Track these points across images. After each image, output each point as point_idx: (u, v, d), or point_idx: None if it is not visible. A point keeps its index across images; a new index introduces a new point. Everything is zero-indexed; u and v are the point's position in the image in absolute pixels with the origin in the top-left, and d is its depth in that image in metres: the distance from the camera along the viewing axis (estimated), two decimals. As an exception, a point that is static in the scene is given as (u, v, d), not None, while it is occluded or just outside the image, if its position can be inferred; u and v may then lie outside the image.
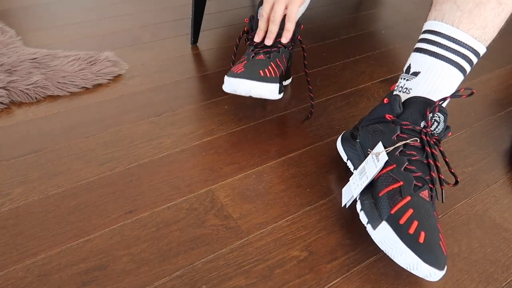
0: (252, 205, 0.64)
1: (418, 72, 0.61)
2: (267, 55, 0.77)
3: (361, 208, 0.58)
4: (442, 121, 0.59)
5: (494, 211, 0.66)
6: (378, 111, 0.63)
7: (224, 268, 0.55)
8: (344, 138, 0.71)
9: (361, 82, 0.96)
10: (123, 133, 0.77)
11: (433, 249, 0.49)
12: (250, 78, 0.69)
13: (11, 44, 0.98)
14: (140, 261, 0.55)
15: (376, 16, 1.31)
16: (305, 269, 0.55)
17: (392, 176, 0.56)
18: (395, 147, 0.58)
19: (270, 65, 0.74)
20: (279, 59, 0.78)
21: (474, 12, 0.57)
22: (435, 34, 0.60)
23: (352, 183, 0.60)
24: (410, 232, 0.50)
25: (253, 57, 0.77)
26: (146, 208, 0.62)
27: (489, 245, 0.60)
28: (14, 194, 0.63)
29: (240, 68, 0.73)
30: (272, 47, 0.78)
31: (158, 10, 1.24)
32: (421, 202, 0.53)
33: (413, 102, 0.59)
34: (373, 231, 0.54)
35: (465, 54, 0.59)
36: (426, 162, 0.57)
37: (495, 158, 0.76)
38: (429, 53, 0.60)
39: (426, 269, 0.49)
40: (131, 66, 0.96)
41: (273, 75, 0.73)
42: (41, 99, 0.85)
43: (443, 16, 0.59)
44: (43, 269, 0.53)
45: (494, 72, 1.03)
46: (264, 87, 0.70)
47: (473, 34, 0.58)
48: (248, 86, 0.69)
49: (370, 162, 0.59)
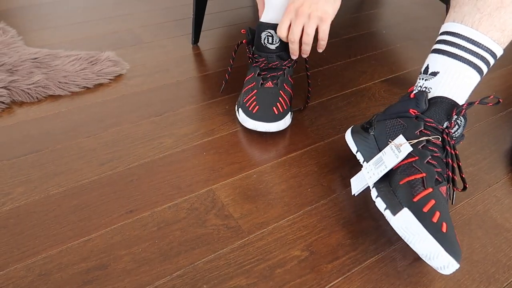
0: (253, 205, 0.64)
1: (437, 72, 0.62)
2: (275, 81, 0.79)
3: (378, 194, 0.57)
4: (462, 125, 0.60)
5: (495, 211, 0.65)
6: (401, 105, 0.64)
7: (225, 267, 0.55)
8: (354, 131, 0.71)
9: (362, 82, 0.96)
10: (124, 133, 0.77)
11: (454, 241, 0.50)
12: (267, 120, 0.74)
13: (12, 44, 0.99)
14: (140, 261, 0.55)
15: (378, 16, 1.31)
16: (306, 269, 0.55)
17: (415, 167, 0.56)
18: (419, 141, 0.58)
19: (280, 95, 0.77)
20: (286, 83, 0.80)
21: (494, 15, 0.58)
22: (454, 36, 0.60)
23: (366, 172, 0.60)
24: (434, 221, 0.50)
25: (262, 83, 0.78)
26: (147, 208, 0.62)
27: (490, 245, 0.60)
28: (15, 194, 0.64)
29: (254, 105, 0.76)
30: (278, 71, 0.79)
31: (159, 10, 1.24)
32: (441, 197, 0.54)
33: (439, 102, 0.60)
34: (392, 217, 0.53)
35: (483, 55, 0.59)
36: (445, 161, 0.58)
37: (497, 158, 0.76)
38: (447, 54, 0.61)
39: (446, 258, 0.48)
40: (132, 66, 0.96)
41: (285, 107, 0.77)
42: (42, 98, 0.85)
43: (462, 18, 0.60)
44: (44, 268, 0.54)
45: (496, 72, 1.03)
46: (280, 124, 0.75)
47: (492, 36, 0.58)
48: (266, 127, 0.74)
49: (389, 152, 0.59)
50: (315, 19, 0.68)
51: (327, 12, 0.68)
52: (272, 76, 0.79)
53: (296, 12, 0.69)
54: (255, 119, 0.74)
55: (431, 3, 1.38)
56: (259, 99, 0.76)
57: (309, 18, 0.69)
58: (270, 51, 0.78)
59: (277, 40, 0.76)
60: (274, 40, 0.77)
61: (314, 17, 0.68)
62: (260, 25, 0.77)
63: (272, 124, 0.74)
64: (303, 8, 0.68)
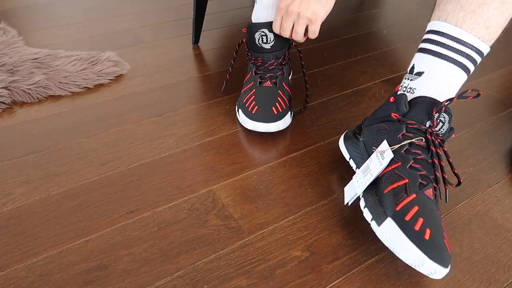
0: (254, 205, 0.64)
1: (422, 72, 0.61)
2: (273, 81, 0.78)
3: (365, 205, 0.57)
4: (447, 121, 0.59)
5: (496, 211, 0.65)
6: (384, 110, 0.63)
7: (225, 268, 0.55)
8: (347, 137, 0.71)
9: (363, 82, 0.96)
10: (125, 133, 0.77)
11: (438, 246, 0.50)
12: (266, 120, 0.74)
13: (13, 44, 0.99)
14: (141, 261, 0.55)
15: (378, 16, 1.31)
16: (306, 270, 0.55)
17: (398, 174, 0.56)
18: (400, 145, 0.58)
19: (279, 95, 0.77)
20: (285, 82, 0.79)
21: (478, 12, 0.57)
22: (439, 34, 0.60)
23: (356, 181, 0.60)
24: (416, 229, 0.50)
25: (260, 83, 0.78)
26: (148, 208, 0.62)
27: (490, 245, 0.60)
28: (16, 194, 0.64)
29: (253, 106, 0.75)
30: (276, 71, 0.79)
31: (160, 10, 1.24)
32: (426, 200, 0.54)
33: (419, 102, 0.59)
34: (377, 227, 0.54)
35: (468, 54, 0.59)
36: (431, 162, 0.58)
37: (497, 158, 0.76)
38: (432, 53, 0.60)
39: (431, 265, 0.49)
40: (133, 66, 0.96)
41: (284, 107, 0.76)
42: (42, 99, 0.85)
43: (446, 16, 0.59)
44: (45, 268, 0.54)
45: (496, 72, 1.03)
46: (280, 124, 0.75)
47: (476, 34, 0.58)
48: (266, 128, 0.74)
49: (374, 160, 0.59)
50: (304, 19, 0.68)
51: (317, 13, 0.67)
52: (271, 76, 0.79)
53: (286, 9, 0.69)
54: (255, 120, 0.74)
55: (432, 2, 1.37)
56: (258, 99, 0.76)
57: (299, 17, 0.68)
58: (266, 51, 0.77)
59: (271, 38, 0.76)
60: (269, 39, 0.76)
61: (303, 17, 0.67)
62: (252, 26, 0.76)
63: (272, 124, 0.74)
64: (293, 6, 0.68)
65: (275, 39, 0.76)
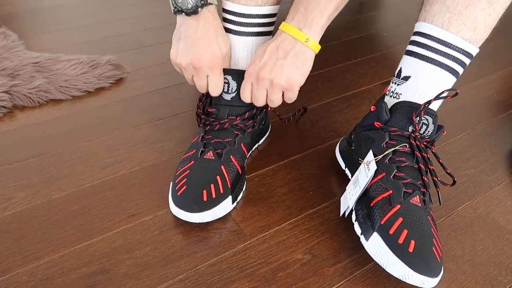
0: (255, 208, 0.64)
1: (408, 77, 0.60)
2: (218, 151, 0.63)
3: (356, 218, 0.58)
4: (431, 123, 0.58)
5: (498, 213, 0.65)
6: (368, 119, 0.63)
7: (227, 271, 0.55)
8: (342, 145, 0.71)
9: (363, 84, 0.96)
10: (126, 136, 0.77)
11: (424, 257, 0.49)
12: (190, 209, 0.58)
13: (13, 48, 0.99)
14: (143, 265, 0.55)
15: (378, 18, 1.31)
16: (308, 272, 0.55)
17: (382, 185, 0.56)
18: (384, 155, 0.58)
19: (220, 173, 0.61)
20: (235, 155, 0.64)
21: (464, 13, 0.56)
22: (425, 37, 0.59)
23: (348, 193, 0.60)
24: (400, 242, 0.50)
25: (202, 152, 0.63)
26: (149, 212, 0.62)
27: (492, 247, 0.60)
28: (17, 198, 0.64)
29: (182, 186, 0.60)
30: (226, 136, 0.64)
31: (160, 14, 1.24)
32: (412, 209, 0.53)
33: (399, 108, 0.59)
34: (366, 242, 0.54)
35: (456, 56, 0.58)
36: (417, 167, 0.57)
37: (498, 160, 0.76)
38: (419, 56, 0.59)
39: (418, 278, 0.49)
40: (133, 69, 0.97)
41: (221, 191, 0.59)
42: (43, 103, 0.85)
43: (432, 18, 0.58)
44: (46, 273, 0.54)
45: (496, 74, 1.03)
46: (206, 216, 0.58)
47: (463, 35, 0.56)
48: (187, 218, 0.58)
49: (362, 171, 0.59)
50: (279, 87, 0.58)
51: (292, 79, 0.57)
52: (216, 143, 0.64)
53: (256, 76, 0.58)
54: (177, 205, 0.59)
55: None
56: (191, 176, 0.60)
57: (272, 85, 0.58)
58: (224, 102, 0.64)
59: (234, 89, 0.64)
60: (230, 89, 0.64)
61: (277, 84, 0.58)
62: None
63: (195, 215, 0.58)
64: (263, 73, 0.57)
65: (237, 90, 0.63)
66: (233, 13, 0.63)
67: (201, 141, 0.64)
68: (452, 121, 0.85)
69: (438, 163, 0.59)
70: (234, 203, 0.63)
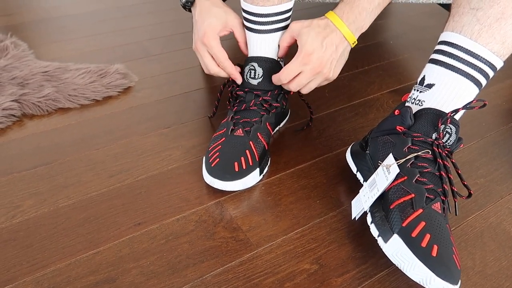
0: (262, 217, 0.63)
1: (432, 84, 0.60)
2: (247, 129, 0.69)
3: (372, 220, 0.57)
4: (454, 132, 0.58)
5: (508, 223, 0.64)
6: (389, 122, 0.63)
7: (234, 281, 0.54)
8: (353, 150, 0.71)
9: (370, 92, 0.96)
10: (133, 145, 0.77)
11: (446, 263, 0.48)
12: (223, 178, 0.64)
13: (23, 57, 1.00)
14: (149, 274, 0.55)
15: (385, 26, 1.31)
16: (316, 283, 0.55)
17: (404, 188, 0.55)
18: (406, 159, 0.57)
19: (249, 148, 0.67)
20: (261, 132, 0.70)
21: (494, 26, 0.56)
22: (452, 46, 0.59)
23: (362, 196, 0.60)
24: (423, 245, 0.49)
25: (232, 130, 0.69)
26: (155, 220, 0.62)
27: (504, 258, 0.59)
28: (25, 206, 0.64)
29: (215, 157, 0.66)
30: (253, 116, 0.70)
31: (167, 23, 1.25)
32: (434, 215, 0.53)
33: (424, 114, 0.59)
34: (384, 244, 0.53)
35: (482, 68, 0.58)
36: (438, 174, 0.57)
37: (508, 169, 0.75)
38: (445, 65, 0.59)
39: (440, 283, 0.48)
40: (141, 78, 0.97)
41: (250, 163, 0.66)
42: (52, 111, 0.86)
43: (461, 28, 0.58)
44: (53, 281, 0.53)
45: (505, 82, 1.02)
46: (237, 184, 0.65)
47: (491, 48, 0.57)
48: (221, 186, 0.65)
49: (380, 174, 0.59)
50: (324, 79, 0.67)
51: (337, 74, 0.67)
52: (245, 122, 0.70)
53: (314, 69, 0.64)
54: (211, 175, 0.65)
55: (438, 12, 1.37)
56: (223, 150, 0.67)
57: (321, 76, 0.66)
58: (251, 86, 0.71)
59: (260, 74, 0.70)
60: (257, 75, 0.70)
61: (329, 79, 0.66)
62: (245, 60, 0.72)
63: (228, 184, 0.64)
64: (325, 70, 0.64)
65: (263, 75, 0.70)
66: (252, 14, 0.68)
67: (231, 120, 0.71)
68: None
69: (456, 173, 0.58)
70: (261, 175, 0.69)
